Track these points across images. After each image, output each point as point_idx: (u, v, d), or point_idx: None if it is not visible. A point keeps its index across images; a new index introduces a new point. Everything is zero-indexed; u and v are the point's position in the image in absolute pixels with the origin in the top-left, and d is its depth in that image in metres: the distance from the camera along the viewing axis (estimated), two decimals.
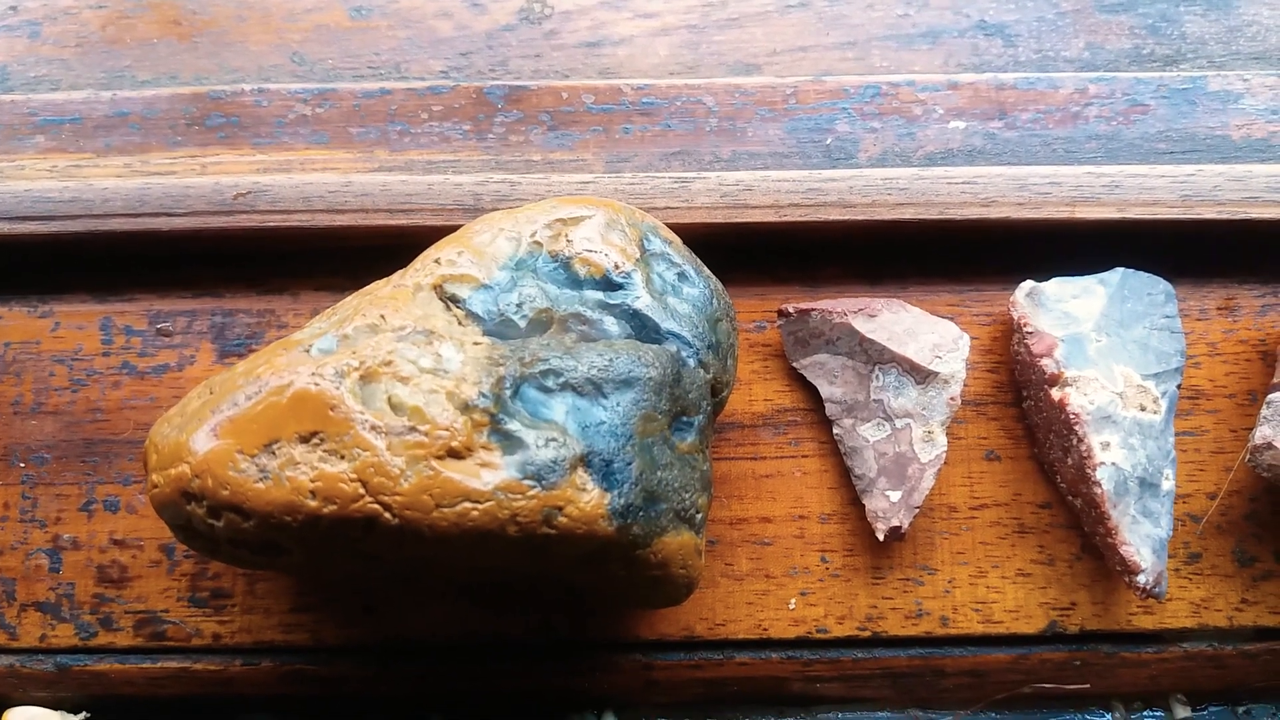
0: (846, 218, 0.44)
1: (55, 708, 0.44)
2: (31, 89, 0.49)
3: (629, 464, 0.34)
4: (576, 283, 0.38)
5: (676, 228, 0.43)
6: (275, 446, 0.32)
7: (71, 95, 0.47)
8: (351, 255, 0.45)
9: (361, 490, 0.31)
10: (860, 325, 0.43)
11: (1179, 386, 0.43)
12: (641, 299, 0.38)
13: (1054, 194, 0.44)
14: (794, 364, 0.45)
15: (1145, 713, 0.45)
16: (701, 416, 0.38)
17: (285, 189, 0.44)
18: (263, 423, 0.32)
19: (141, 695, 0.43)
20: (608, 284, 0.38)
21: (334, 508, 0.31)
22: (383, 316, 0.34)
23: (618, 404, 0.35)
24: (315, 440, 0.32)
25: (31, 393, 0.45)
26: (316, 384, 0.32)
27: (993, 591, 0.43)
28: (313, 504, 0.31)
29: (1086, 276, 0.44)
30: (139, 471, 0.44)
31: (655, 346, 0.37)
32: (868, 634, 0.43)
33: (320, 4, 0.51)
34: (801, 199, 0.44)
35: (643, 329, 0.38)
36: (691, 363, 0.38)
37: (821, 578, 0.44)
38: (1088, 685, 0.44)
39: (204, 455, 0.32)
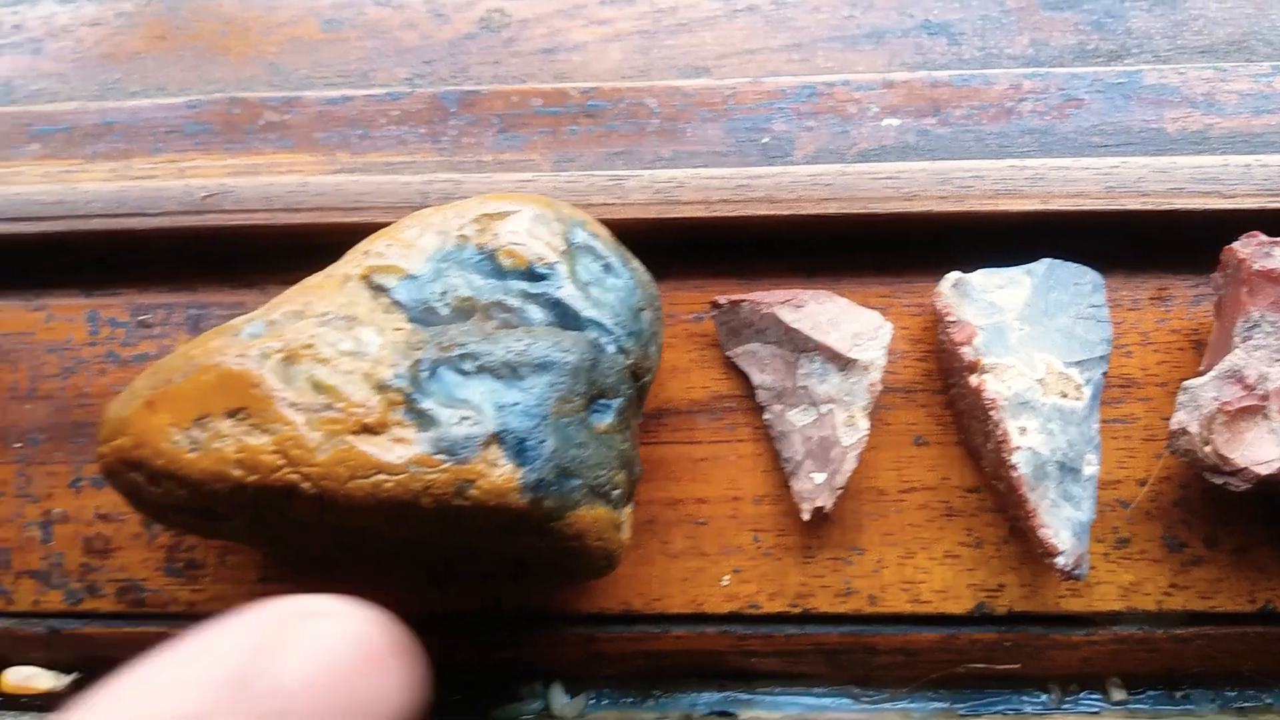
0: (774, 213, 0.45)
1: (49, 668, 0.47)
2: (32, 101, 0.53)
3: (542, 442, 0.36)
4: (501, 273, 0.40)
5: (612, 223, 0.45)
6: (205, 421, 0.35)
7: (64, 107, 0.51)
8: (313, 251, 0.47)
9: (281, 461, 0.34)
10: (785, 315, 0.44)
11: (1105, 374, 0.44)
12: (564, 289, 0.40)
13: (976, 187, 0.45)
14: (728, 353, 0.47)
15: (1082, 695, 0.45)
16: (620, 399, 0.40)
17: (248, 190, 0.47)
18: (194, 399, 0.35)
19: (126, 658, 0.46)
20: (531, 275, 0.40)
21: (256, 477, 0.34)
22: (308, 303, 0.37)
23: (533, 386, 0.37)
24: (240, 415, 0.35)
25: (26, 379, 0.49)
26: (241, 364, 0.35)
27: (920, 572, 0.45)
28: (237, 473, 0.34)
29: (1014, 267, 0.45)
30: None
31: (574, 333, 0.39)
32: (798, 610, 0.45)
33: (295, 17, 0.55)
34: (730, 195, 0.46)
35: (564, 317, 0.40)
36: (611, 349, 0.40)
37: (754, 556, 0.45)
38: (1019, 666, 0.44)
39: (142, 428, 0.35)
